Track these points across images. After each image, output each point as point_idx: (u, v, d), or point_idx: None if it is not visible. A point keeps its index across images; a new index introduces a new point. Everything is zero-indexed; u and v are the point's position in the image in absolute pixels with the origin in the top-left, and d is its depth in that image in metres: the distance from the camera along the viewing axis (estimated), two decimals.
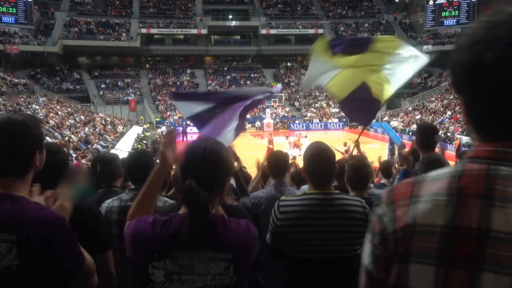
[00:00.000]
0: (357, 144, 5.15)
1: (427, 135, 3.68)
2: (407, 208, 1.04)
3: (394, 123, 36.59)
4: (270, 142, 22.60)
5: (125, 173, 3.04)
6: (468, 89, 1.00)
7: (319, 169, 2.44)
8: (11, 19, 41.40)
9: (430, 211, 1.00)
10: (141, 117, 41.46)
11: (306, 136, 24.91)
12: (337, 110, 43.17)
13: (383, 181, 5.02)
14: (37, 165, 1.68)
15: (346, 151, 15.46)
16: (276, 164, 3.47)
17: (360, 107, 5.27)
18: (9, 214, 1.55)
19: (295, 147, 21.96)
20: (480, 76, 0.95)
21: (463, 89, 1.02)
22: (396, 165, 4.48)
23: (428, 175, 1.07)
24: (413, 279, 1.01)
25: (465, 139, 27.09)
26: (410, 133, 30.28)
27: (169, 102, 42.79)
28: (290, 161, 3.90)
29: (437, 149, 3.75)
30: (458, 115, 32.96)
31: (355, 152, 5.18)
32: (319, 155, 2.46)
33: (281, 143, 23.01)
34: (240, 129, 5.17)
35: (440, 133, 27.52)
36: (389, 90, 4.98)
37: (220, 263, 1.58)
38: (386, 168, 5.20)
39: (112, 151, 20.60)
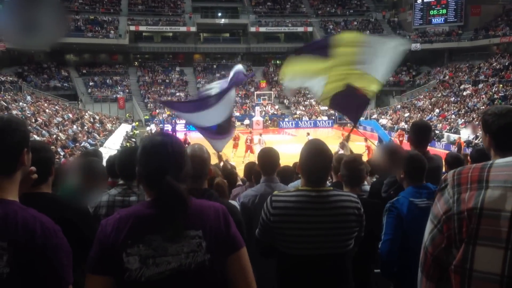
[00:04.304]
0: (346, 139, 5.21)
1: (419, 133, 3.73)
2: (475, 192, 1.09)
3: (383, 120, 36.81)
4: (251, 141, 22.58)
5: (116, 169, 3.01)
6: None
7: (316, 167, 2.42)
8: None
9: (499, 197, 1.05)
10: (127, 114, 41.17)
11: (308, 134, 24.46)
12: (326, 108, 43.33)
13: (367, 178, 5.05)
14: (25, 164, 1.65)
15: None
16: (267, 160, 3.47)
17: (348, 106, 5.40)
18: (1, 220, 1.50)
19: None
20: None
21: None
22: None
23: (495, 162, 1.14)
24: (479, 262, 1.05)
25: (452, 136, 27.36)
26: (399, 130, 30.47)
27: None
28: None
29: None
30: (446, 113, 33.25)
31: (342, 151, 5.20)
32: (317, 153, 2.44)
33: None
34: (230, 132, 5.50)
35: None
36: (374, 82, 5.14)
37: (192, 240, 1.62)
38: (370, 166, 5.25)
39: (101, 149, 20.48)
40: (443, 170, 4.12)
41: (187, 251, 1.61)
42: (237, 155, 20.83)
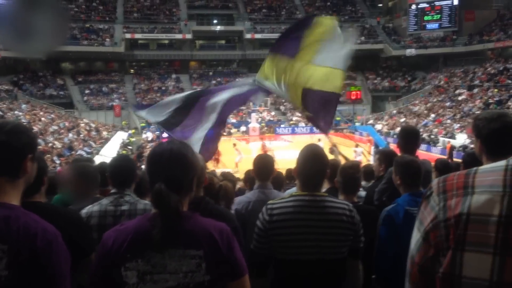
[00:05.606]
0: (334, 145, 5.21)
1: (407, 138, 3.74)
2: (461, 198, 1.09)
3: (379, 126, 36.88)
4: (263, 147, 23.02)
5: (108, 177, 3.00)
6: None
7: (312, 172, 2.43)
8: None
9: (486, 202, 1.04)
10: (124, 122, 41.11)
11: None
12: None
13: (363, 183, 5.05)
14: (28, 172, 1.63)
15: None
16: (262, 167, 3.48)
17: (318, 111, 5.17)
18: (3, 223, 1.49)
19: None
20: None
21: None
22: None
23: (480, 168, 1.13)
24: (468, 268, 1.04)
25: (452, 142, 27.43)
26: (395, 136, 30.55)
27: None
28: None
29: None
30: (442, 118, 33.35)
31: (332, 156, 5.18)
32: (313, 158, 2.45)
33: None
34: (218, 134, 5.33)
35: (423, 135, 27.85)
36: (336, 74, 4.93)
37: (191, 260, 1.57)
38: (366, 171, 5.27)
39: (97, 157, 20.44)
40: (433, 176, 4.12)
41: (186, 270, 1.57)
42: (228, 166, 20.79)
